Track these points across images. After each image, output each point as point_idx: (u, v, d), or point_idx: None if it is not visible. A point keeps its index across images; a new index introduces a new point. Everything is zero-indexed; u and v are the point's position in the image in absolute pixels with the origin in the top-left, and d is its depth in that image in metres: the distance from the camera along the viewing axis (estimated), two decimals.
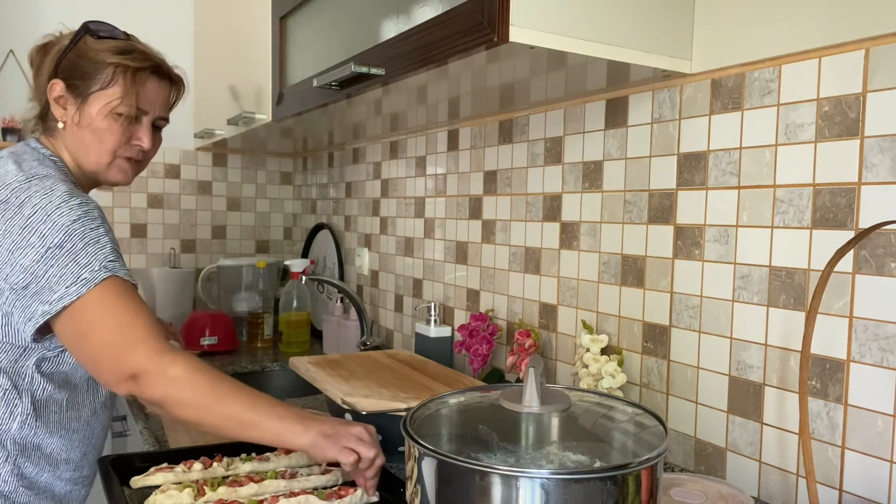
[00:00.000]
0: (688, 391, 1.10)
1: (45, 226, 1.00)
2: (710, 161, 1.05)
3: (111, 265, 1.02)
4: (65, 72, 1.13)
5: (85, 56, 1.13)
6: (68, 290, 0.98)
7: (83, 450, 1.18)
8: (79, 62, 1.13)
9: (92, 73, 1.12)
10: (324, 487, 1.05)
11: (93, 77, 1.12)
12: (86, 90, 1.13)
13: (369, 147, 2.13)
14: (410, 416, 0.75)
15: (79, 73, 1.12)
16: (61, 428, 1.12)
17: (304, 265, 2.13)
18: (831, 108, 0.90)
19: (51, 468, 1.12)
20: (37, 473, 1.11)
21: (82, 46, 1.14)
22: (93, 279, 0.99)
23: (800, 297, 0.94)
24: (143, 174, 2.47)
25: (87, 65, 1.12)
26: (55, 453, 1.13)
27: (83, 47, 1.14)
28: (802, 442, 0.80)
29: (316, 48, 1.44)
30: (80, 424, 1.16)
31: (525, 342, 1.34)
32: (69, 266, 0.99)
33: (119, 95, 1.13)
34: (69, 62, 1.13)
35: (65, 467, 1.15)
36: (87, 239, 1.01)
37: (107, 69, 1.13)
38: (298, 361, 1.38)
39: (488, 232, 1.56)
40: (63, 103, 1.14)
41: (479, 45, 0.92)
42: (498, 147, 1.52)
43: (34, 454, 1.11)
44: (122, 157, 1.18)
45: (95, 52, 1.13)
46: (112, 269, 1.02)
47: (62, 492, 1.16)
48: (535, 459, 0.69)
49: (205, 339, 2.04)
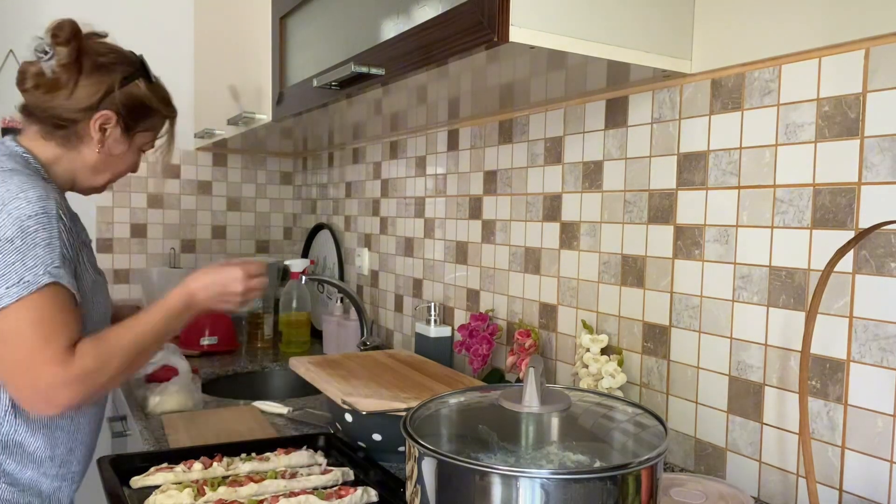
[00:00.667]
0: (688, 391, 1.10)
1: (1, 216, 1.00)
2: (710, 161, 1.05)
3: (56, 271, 1.01)
4: (117, 106, 1.16)
5: (141, 100, 1.19)
6: (8, 291, 0.97)
7: (69, 446, 1.16)
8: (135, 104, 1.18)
9: (145, 117, 1.20)
10: (324, 487, 1.05)
11: (144, 120, 1.21)
12: (134, 128, 1.20)
13: (369, 147, 2.13)
14: (410, 416, 0.75)
15: (132, 113, 1.18)
16: (43, 425, 1.11)
17: (304, 265, 2.13)
18: (831, 108, 0.89)
19: (34, 465, 1.11)
20: (20, 471, 1.10)
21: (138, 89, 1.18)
22: (34, 283, 0.98)
23: (800, 297, 0.94)
24: (143, 174, 2.47)
25: (142, 109, 1.19)
26: (38, 451, 1.11)
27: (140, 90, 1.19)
28: (802, 442, 0.80)
29: (316, 48, 1.44)
30: (65, 421, 1.14)
31: (525, 342, 1.34)
32: (15, 265, 0.98)
33: (153, 138, 1.25)
34: (126, 98, 1.17)
35: (49, 464, 1.13)
36: (37, 239, 1.00)
37: (156, 116, 1.23)
38: (298, 361, 1.38)
39: (488, 232, 1.56)
40: (104, 129, 1.16)
41: (479, 45, 0.92)
42: (498, 147, 1.52)
43: (16, 451, 1.09)
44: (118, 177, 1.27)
45: (151, 100, 1.20)
46: (56, 276, 1.01)
47: (49, 489, 1.14)
48: (535, 459, 0.69)
49: (205, 339, 2.04)
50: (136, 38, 2.30)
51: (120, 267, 2.44)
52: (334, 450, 1.22)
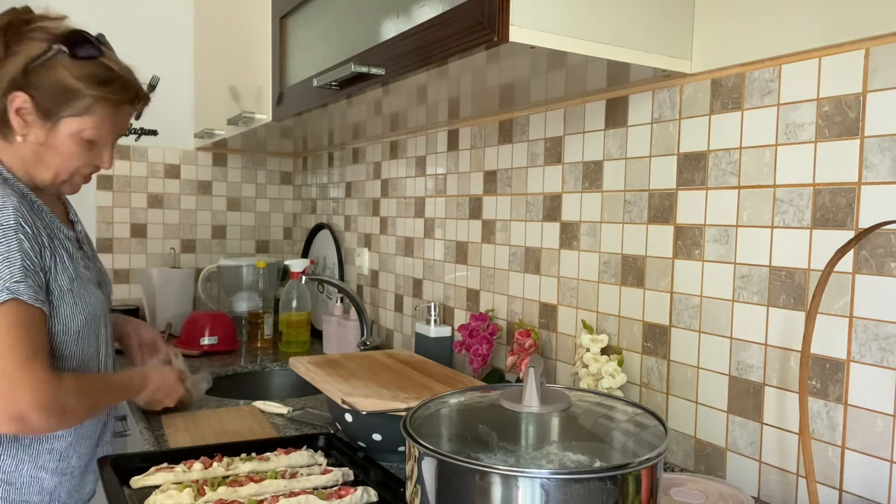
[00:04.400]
0: (688, 391, 1.10)
1: None
2: (710, 161, 1.05)
3: (15, 287, 0.97)
4: (33, 87, 1.04)
5: (60, 79, 1.05)
6: None
7: (68, 440, 1.15)
8: (53, 83, 1.05)
9: (67, 99, 1.06)
10: (324, 487, 1.05)
11: (67, 103, 1.06)
12: (57, 113, 1.06)
13: (369, 147, 2.13)
14: (410, 416, 0.75)
15: (51, 94, 1.05)
16: None
17: (304, 265, 2.13)
18: (831, 107, 0.89)
19: (30, 459, 1.10)
20: (16, 466, 1.09)
21: (57, 65, 1.05)
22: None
23: (800, 297, 0.94)
24: (143, 174, 2.47)
25: (61, 89, 1.05)
26: (34, 442, 1.11)
27: (57, 66, 1.05)
28: (802, 442, 0.80)
29: (316, 48, 1.44)
30: None
31: (525, 342, 1.34)
32: None
33: (93, 125, 1.09)
34: (40, 78, 1.04)
35: (48, 457, 1.12)
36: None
37: (84, 98, 1.07)
38: (298, 361, 1.38)
39: (488, 232, 1.56)
40: (24, 116, 1.06)
41: (479, 45, 0.92)
42: (498, 147, 1.52)
43: (10, 447, 1.09)
44: (80, 174, 1.15)
45: (73, 79, 1.05)
46: (14, 292, 0.97)
47: (50, 485, 1.13)
48: (535, 459, 0.69)
49: (205, 339, 2.04)
50: (136, 38, 2.31)
51: (120, 267, 2.44)
52: (334, 450, 1.22)
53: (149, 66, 1.23)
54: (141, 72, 1.20)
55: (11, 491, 1.09)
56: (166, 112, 2.41)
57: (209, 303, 2.40)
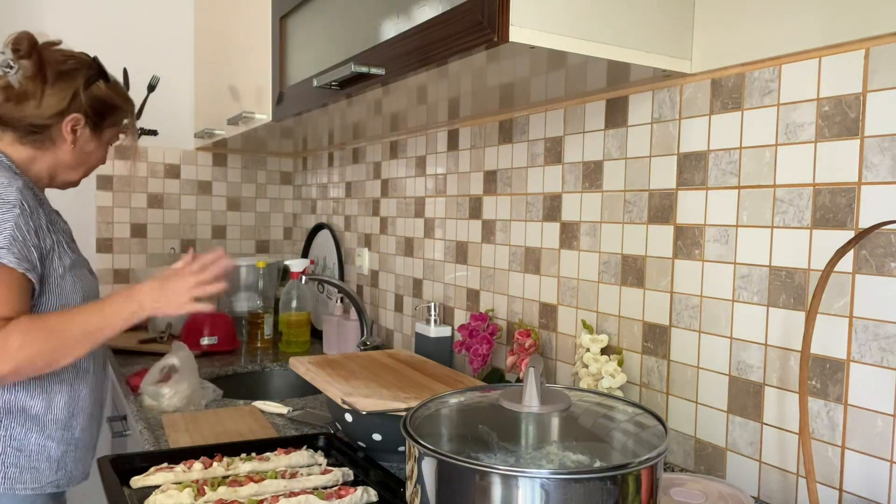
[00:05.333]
0: (688, 391, 1.10)
1: None
2: (710, 161, 1.05)
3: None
4: (84, 108, 1.26)
5: (104, 100, 1.30)
6: None
7: (70, 410, 1.25)
8: (100, 104, 1.29)
9: (109, 115, 1.32)
10: (324, 487, 1.05)
11: (108, 117, 1.32)
12: (101, 126, 1.31)
13: (369, 147, 2.13)
14: (410, 416, 0.75)
15: (98, 112, 1.29)
16: (42, 390, 1.21)
17: (304, 265, 2.13)
18: (831, 107, 0.90)
19: (38, 428, 1.21)
20: (25, 434, 1.20)
21: (100, 90, 1.29)
22: None
23: (800, 297, 0.94)
24: (143, 174, 2.47)
25: (106, 107, 1.30)
26: (40, 414, 1.21)
27: (101, 91, 1.29)
28: (802, 442, 0.80)
29: (316, 48, 1.44)
30: (63, 386, 1.24)
31: (525, 342, 1.34)
32: None
33: (119, 132, 1.36)
34: (90, 100, 1.27)
35: (53, 427, 1.23)
36: None
37: (119, 112, 1.34)
38: (298, 361, 1.38)
39: (488, 232, 1.56)
40: (75, 130, 1.27)
41: (479, 45, 0.92)
42: (498, 147, 1.52)
43: (19, 416, 1.20)
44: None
45: (112, 98, 1.31)
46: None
47: (57, 454, 1.23)
48: (535, 459, 0.69)
49: (205, 338, 2.04)
50: (136, 39, 2.31)
51: (120, 267, 2.44)
52: (334, 450, 1.22)
53: (149, 66, 1.26)
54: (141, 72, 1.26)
55: (21, 457, 1.20)
56: (166, 112, 2.41)
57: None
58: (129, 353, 2.00)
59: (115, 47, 2.34)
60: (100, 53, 1.31)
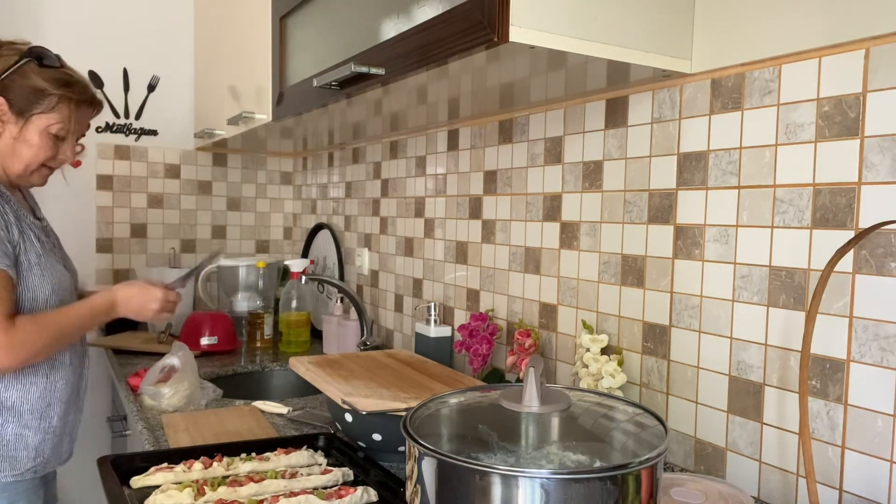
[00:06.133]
0: (688, 391, 1.10)
1: None
2: (710, 161, 1.05)
3: None
4: (8, 91, 1.25)
5: (30, 81, 1.26)
6: None
7: (47, 400, 1.29)
8: (24, 86, 1.26)
9: (36, 99, 1.27)
10: (324, 487, 1.05)
11: (36, 101, 1.27)
12: (28, 111, 1.27)
13: (369, 147, 2.13)
14: (410, 416, 0.75)
15: (22, 95, 1.26)
16: (17, 381, 1.26)
17: (304, 265, 2.13)
18: (831, 107, 0.90)
19: (14, 418, 1.26)
20: (2, 425, 1.24)
21: (27, 71, 1.26)
22: None
23: (800, 297, 0.94)
24: (143, 174, 2.47)
25: (31, 90, 1.26)
26: (17, 404, 1.26)
27: (27, 72, 1.26)
28: (802, 442, 0.80)
29: (316, 48, 1.44)
30: (38, 378, 1.28)
31: (525, 342, 1.34)
32: None
33: (58, 120, 1.29)
34: (14, 83, 1.25)
35: (30, 416, 1.27)
36: None
37: (51, 97, 1.28)
38: (298, 361, 1.38)
39: (488, 232, 1.56)
40: (1, 116, 1.26)
41: (479, 45, 0.92)
42: (498, 147, 1.52)
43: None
44: (46, 166, 1.34)
45: (41, 80, 1.27)
46: None
47: (34, 441, 1.29)
48: (535, 459, 0.69)
49: (205, 338, 2.04)
50: (136, 38, 2.31)
51: (120, 267, 2.44)
52: (334, 450, 1.22)
53: (149, 66, 1.25)
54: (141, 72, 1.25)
55: (1, 448, 1.24)
56: (166, 112, 2.41)
57: (209, 303, 2.40)
58: (129, 353, 2.00)
59: (116, 47, 2.34)
60: (100, 53, 1.32)
